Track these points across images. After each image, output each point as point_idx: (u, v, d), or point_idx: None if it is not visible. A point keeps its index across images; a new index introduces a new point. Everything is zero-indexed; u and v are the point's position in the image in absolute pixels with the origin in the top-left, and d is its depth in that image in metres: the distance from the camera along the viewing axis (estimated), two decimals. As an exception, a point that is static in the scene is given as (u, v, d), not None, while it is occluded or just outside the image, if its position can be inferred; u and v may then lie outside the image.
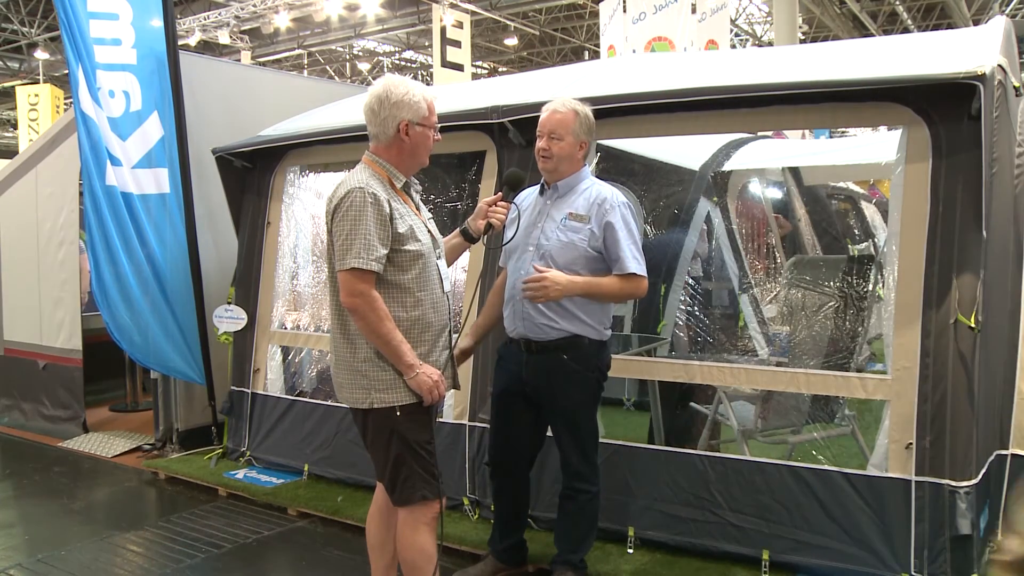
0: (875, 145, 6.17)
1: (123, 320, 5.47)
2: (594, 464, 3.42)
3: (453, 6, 15.31)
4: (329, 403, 4.86)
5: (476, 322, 3.68)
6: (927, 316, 3.28)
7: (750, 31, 20.08)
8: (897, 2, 17.09)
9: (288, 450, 5.04)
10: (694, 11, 10.40)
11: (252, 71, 8.33)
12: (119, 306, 5.46)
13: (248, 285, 5.37)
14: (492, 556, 3.68)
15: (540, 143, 3.34)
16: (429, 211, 3.18)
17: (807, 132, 10.23)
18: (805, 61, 4.09)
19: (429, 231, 2.99)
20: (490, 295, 3.67)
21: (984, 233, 3.16)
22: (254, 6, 16.55)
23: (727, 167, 5.95)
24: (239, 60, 18.84)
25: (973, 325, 3.16)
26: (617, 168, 5.21)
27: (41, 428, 6.50)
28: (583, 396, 3.37)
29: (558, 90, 3.99)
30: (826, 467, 3.55)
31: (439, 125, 3.03)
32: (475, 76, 20.14)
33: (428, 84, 14.75)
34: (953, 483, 3.18)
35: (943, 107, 3.28)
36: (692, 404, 4.82)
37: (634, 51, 10.52)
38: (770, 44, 17.75)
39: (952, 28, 13.00)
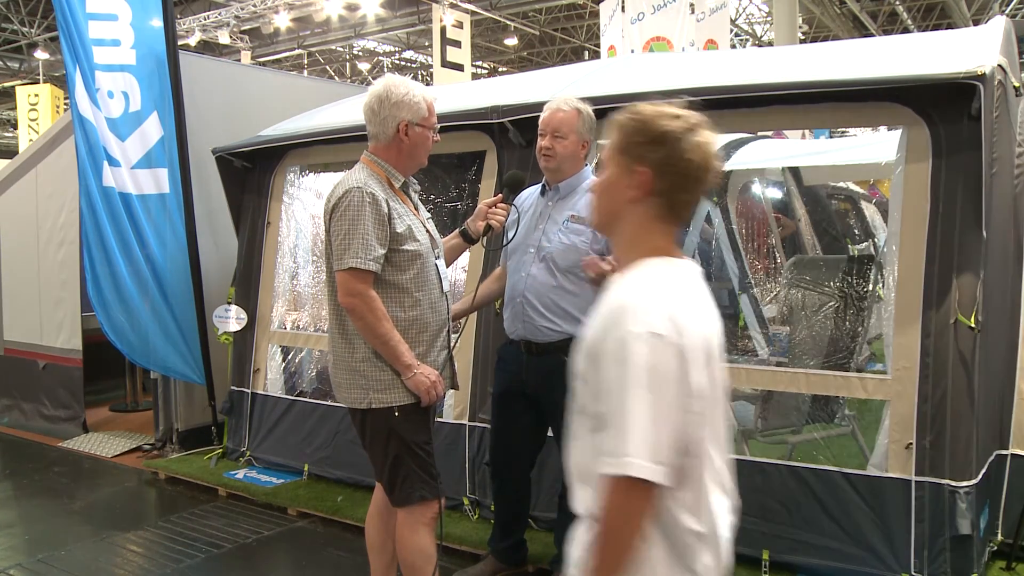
0: (875, 145, 6.18)
1: (119, 322, 5.47)
2: (594, 464, 3.41)
3: (453, 6, 15.30)
4: (329, 403, 4.85)
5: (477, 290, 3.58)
6: (927, 316, 3.27)
7: (750, 31, 20.07)
8: (897, 2, 17.07)
9: (288, 450, 5.04)
10: (692, 11, 10.38)
11: (252, 71, 8.34)
12: (115, 308, 5.45)
13: (248, 285, 5.36)
14: (492, 556, 3.68)
15: (543, 142, 3.31)
16: (429, 211, 3.18)
17: (807, 132, 10.21)
18: (805, 61, 4.09)
19: (427, 231, 2.98)
20: (490, 277, 3.65)
21: (984, 233, 3.15)
22: (254, 6, 16.54)
23: (727, 167, 5.94)
24: (239, 60, 18.83)
25: (973, 325, 3.15)
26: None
27: (41, 428, 6.50)
28: (583, 397, 3.36)
29: (558, 90, 3.98)
30: (826, 467, 3.54)
31: (439, 125, 3.02)
32: (475, 76, 20.13)
33: (428, 84, 14.76)
34: (953, 483, 3.18)
35: (943, 107, 3.27)
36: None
37: (632, 51, 10.50)
38: (770, 44, 17.74)
39: (952, 28, 13.01)
